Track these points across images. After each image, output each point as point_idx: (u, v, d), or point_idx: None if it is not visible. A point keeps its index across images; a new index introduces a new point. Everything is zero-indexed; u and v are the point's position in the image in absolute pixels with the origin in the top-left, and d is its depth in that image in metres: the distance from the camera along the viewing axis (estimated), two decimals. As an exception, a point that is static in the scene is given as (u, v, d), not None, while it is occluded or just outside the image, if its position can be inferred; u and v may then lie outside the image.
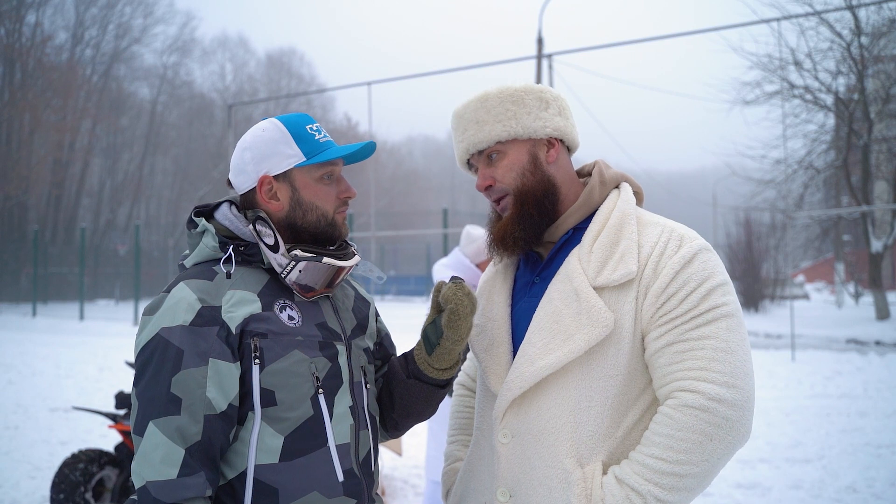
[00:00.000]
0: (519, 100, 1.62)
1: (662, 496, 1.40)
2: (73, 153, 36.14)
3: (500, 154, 1.62)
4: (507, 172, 1.62)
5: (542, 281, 1.63)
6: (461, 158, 1.69)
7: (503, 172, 1.62)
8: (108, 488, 4.53)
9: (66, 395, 8.91)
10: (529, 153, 1.62)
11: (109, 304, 29.74)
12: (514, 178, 1.61)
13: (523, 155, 1.62)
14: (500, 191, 1.63)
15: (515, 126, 1.60)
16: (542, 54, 18.03)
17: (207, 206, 1.60)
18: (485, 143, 1.62)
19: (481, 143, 1.62)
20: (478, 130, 1.62)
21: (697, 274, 1.48)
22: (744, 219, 25.15)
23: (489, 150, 1.63)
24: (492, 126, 1.61)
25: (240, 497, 1.43)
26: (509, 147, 1.62)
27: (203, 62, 47.64)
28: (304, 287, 1.52)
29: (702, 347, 1.44)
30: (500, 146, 1.62)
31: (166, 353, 1.40)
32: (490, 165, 1.64)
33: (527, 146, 1.62)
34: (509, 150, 1.62)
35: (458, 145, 1.68)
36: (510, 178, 1.62)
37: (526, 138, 1.61)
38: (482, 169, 1.65)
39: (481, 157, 1.65)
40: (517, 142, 1.62)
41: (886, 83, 18.48)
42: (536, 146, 1.63)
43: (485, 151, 1.63)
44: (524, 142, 1.62)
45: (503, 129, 1.60)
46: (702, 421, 1.39)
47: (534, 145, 1.63)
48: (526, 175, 1.61)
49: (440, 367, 1.60)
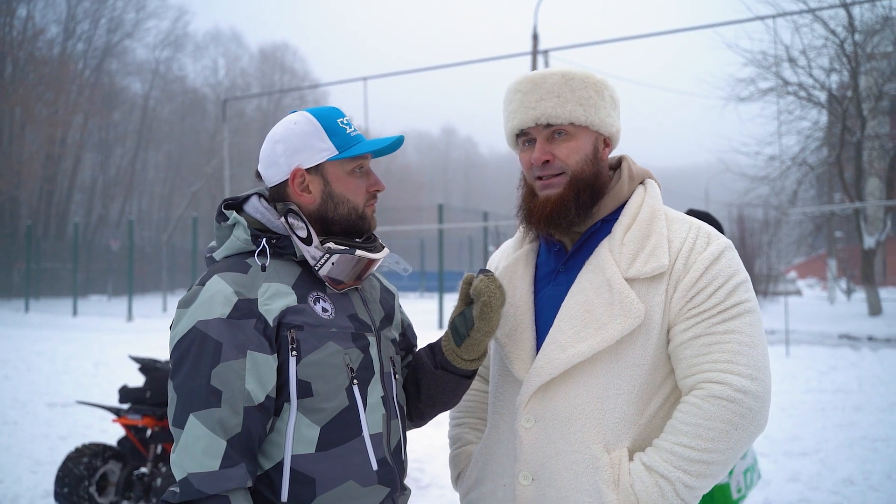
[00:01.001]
0: (600, 91, 1.64)
1: (690, 482, 1.45)
2: (65, 148, 35.95)
3: (568, 135, 1.63)
4: (571, 154, 1.63)
5: (567, 270, 1.65)
6: (523, 124, 1.65)
7: (567, 153, 1.63)
8: (112, 482, 4.55)
9: (63, 390, 8.89)
10: (593, 144, 1.65)
11: (102, 299, 29.66)
12: (576, 162, 1.63)
13: (589, 143, 1.64)
14: (558, 168, 1.63)
15: (594, 115, 1.63)
16: (537, 50, 18.05)
17: (237, 199, 1.61)
18: (560, 119, 1.61)
19: (557, 117, 1.61)
20: (558, 104, 1.61)
21: (725, 271, 1.54)
22: (737, 215, 25.25)
23: (559, 127, 1.63)
24: (573, 106, 1.61)
25: (277, 487, 1.45)
26: (579, 131, 1.63)
27: (196, 57, 47.49)
28: (335, 279, 1.54)
29: (728, 341, 1.49)
30: (571, 127, 1.63)
31: (204, 345, 1.41)
32: (552, 142, 1.64)
33: (593, 136, 1.65)
34: (578, 135, 1.63)
35: (526, 111, 1.63)
36: (573, 160, 1.63)
37: (595, 129, 1.64)
38: (542, 143, 1.64)
39: (545, 131, 1.64)
40: (587, 129, 1.64)
41: (879, 80, 18.58)
42: (598, 140, 1.66)
43: (553, 127, 1.63)
44: (593, 132, 1.65)
45: (583, 113, 1.62)
46: (729, 411, 1.45)
47: (597, 138, 1.66)
48: (587, 162, 1.64)
49: (469, 357, 1.62)
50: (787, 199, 19.99)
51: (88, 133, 38.19)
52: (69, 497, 4.35)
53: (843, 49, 18.26)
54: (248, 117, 42.93)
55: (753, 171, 20.19)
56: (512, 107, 1.68)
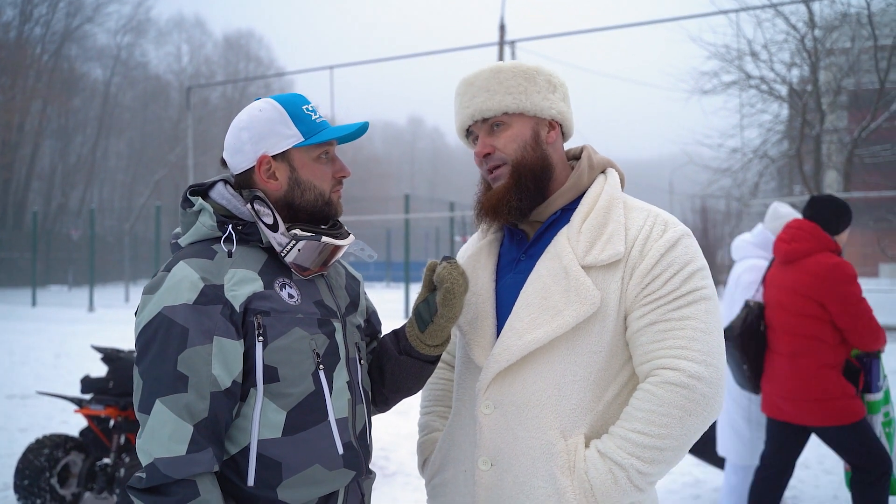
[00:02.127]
0: (531, 77, 1.67)
1: (643, 468, 1.47)
2: (23, 135, 35.10)
3: (505, 125, 1.67)
4: (508, 143, 1.66)
5: (528, 258, 1.68)
6: (463, 124, 1.72)
7: (505, 142, 1.67)
8: (74, 474, 4.49)
9: (23, 381, 8.74)
10: (532, 129, 1.67)
11: (63, 289, 29.09)
12: (514, 150, 1.66)
13: (526, 129, 1.67)
14: (499, 159, 1.67)
15: (525, 101, 1.65)
16: (504, 41, 18.08)
17: (202, 185, 1.61)
18: (492, 112, 1.65)
19: (489, 111, 1.65)
20: (487, 98, 1.65)
21: (680, 258, 1.56)
22: (700, 206, 25.63)
23: (495, 119, 1.67)
24: (502, 97, 1.65)
25: (244, 471, 1.46)
26: (515, 120, 1.67)
27: (158, 43, 46.61)
28: (300, 266, 1.55)
29: (682, 328, 1.51)
30: (506, 117, 1.66)
31: (171, 331, 1.41)
32: (492, 134, 1.68)
33: (531, 122, 1.67)
34: (514, 123, 1.67)
35: (463, 111, 1.70)
36: (511, 148, 1.66)
37: (531, 115, 1.67)
38: (483, 137, 1.69)
39: (484, 126, 1.68)
40: (523, 116, 1.67)
41: (838, 76, 18.95)
42: (539, 124, 1.68)
43: (490, 120, 1.67)
44: (529, 118, 1.67)
45: (513, 101, 1.65)
46: (682, 397, 1.47)
47: (537, 123, 1.68)
48: (527, 149, 1.66)
49: (432, 343, 1.65)
50: (749, 191, 20.33)
51: (47, 120, 37.33)
52: (30, 489, 4.29)
53: (804, 44, 18.60)
54: (212, 105, 42.33)
55: (716, 164, 20.50)
56: (455, 110, 1.74)
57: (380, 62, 18.60)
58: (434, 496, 1.75)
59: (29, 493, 4.29)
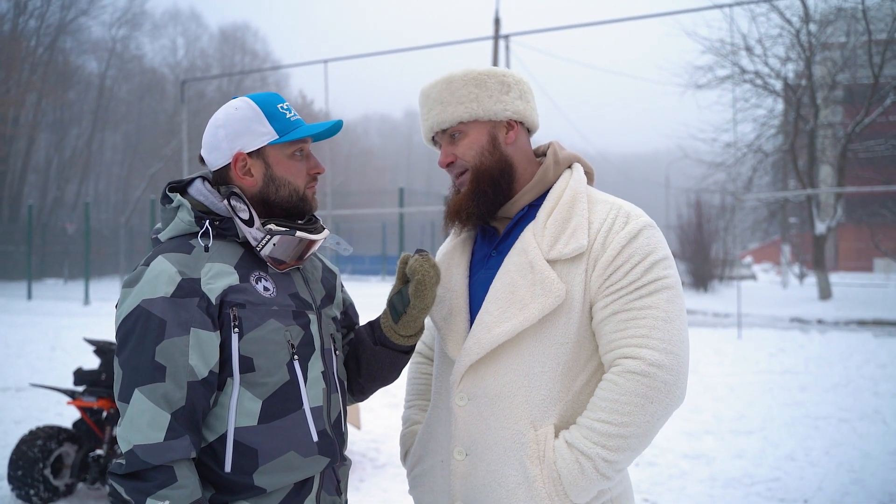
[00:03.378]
0: (482, 83, 1.71)
1: (609, 457, 1.52)
2: (18, 128, 35.01)
3: (462, 133, 1.73)
4: (467, 150, 1.72)
5: (498, 254, 1.73)
6: (426, 136, 1.79)
7: (463, 150, 1.73)
8: (67, 465, 4.54)
9: (18, 374, 8.78)
10: (489, 134, 1.72)
11: (58, 283, 29.10)
12: (473, 157, 1.72)
13: (483, 135, 1.72)
14: (460, 167, 1.74)
15: (477, 108, 1.70)
16: (499, 35, 18.09)
17: (181, 182, 1.66)
18: (447, 123, 1.72)
19: (444, 122, 1.72)
20: (441, 111, 1.72)
21: (642, 249, 1.60)
22: (695, 200, 25.69)
23: (452, 129, 1.73)
24: (454, 107, 1.70)
25: (221, 458, 1.52)
26: (470, 127, 1.72)
27: (154, 36, 46.42)
28: (276, 259, 1.60)
29: (644, 317, 1.56)
30: (462, 126, 1.72)
31: (149, 323, 1.46)
32: (452, 143, 1.74)
33: (487, 127, 1.72)
34: (470, 131, 1.72)
35: (423, 123, 1.78)
36: (469, 155, 1.72)
37: (486, 120, 1.72)
38: (445, 146, 1.76)
39: (444, 136, 1.75)
40: (478, 123, 1.72)
41: (833, 70, 19.02)
42: (496, 127, 1.73)
43: (448, 130, 1.74)
44: (484, 123, 1.72)
45: (465, 111, 1.70)
46: (643, 385, 1.52)
47: (494, 126, 1.73)
48: (485, 154, 1.72)
49: (405, 333, 1.70)
50: (743, 186, 20.40)
51: (42, 113, 37.24)
52: (23, 479, 4.34)
53: (799, 39, 18.65)
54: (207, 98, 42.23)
55: (710, 158, 20.59)
56: (420, 120, 1.81)
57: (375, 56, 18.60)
58: (414, 486, 1.80)
59: (23, 484, 4.35)
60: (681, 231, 26.40)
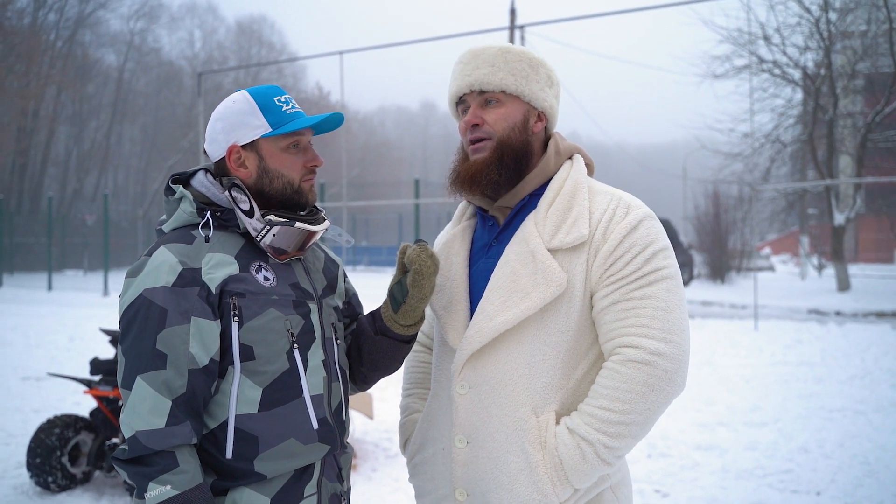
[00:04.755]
0: (535, 67, 1.74)
1: (610, 443, 1.54)
2: (38, 121, 35.37)
3: (499, 103, 1.73)
4: (499, 120, 1.72)
5: (499, 243, 1.75)
6: (459, 91, 1.76)
7: (495, 119, 1.72)
8: (84, 453, 4.61)
9: (37, 364, 8.90)
10: (524, 114, 1.74)
11: (78, 274, 29.43)
12: (503, 128, 1.72)
13: (518, 112, 1.73)
14: (485, 133, 1.73)
15: (524, 86, 1.72)
16: (514, 25, 18.01)
17: (184, 174, 1.69)
18: (491, 87, 1.71)
19: (489, 84, 1.71)
20: (491, 72, 1.71)
21: (642, 239, 1.62)
22: (712, 191, 25.50)
23: (491, 94, 1.72)
24: (505, 75, 1.71)
25: (222, 445, 1.54)
26: (510, 100, 1.73)
27: (171, 29, 46.76)
28: (277, 250, 1.63)
29: (644, 306, 1.57)
30: (502, 95, 1.72)
31: (150, 312, 1.49)
32: (484, 108, 1.73)
33: (524, 107, 1.74)
34: (508, 103, 1.73)
35: (462, 78, 1.74)
36: (500, 126, 1.72)
37: (526, 100, 1.73)
38: (475, 108, 1.74)
39: (479, 98, 1.74)
40: (519, 100, 1.73)
41: (853, 59, 18.78)
42: (530, 112, 1.75)
43: (486, 94, 1.73)
44: (523, 103, 1.73)
45: (514, 82, 1.71)
46: (644, 373, 1.53)
47: (528, 110, 1.74)
48: (514, 130, 1.72)
49: (405, 323, 1.72)
50: (761, 176, 20.22)
51: (62, 105, 37.59)
52: (41, 467, 4.42)
53: (818, 27, 18.42)
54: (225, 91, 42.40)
55: (728, 148, 20.41)
56: (453, 76, 1.79)
57: (391, 47, 18.57)
58: (415, 474, 1.82)
59: (41, 471, 4.42)
60: (698, 222, 26.23)
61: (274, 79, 44.41)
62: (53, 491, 4.46)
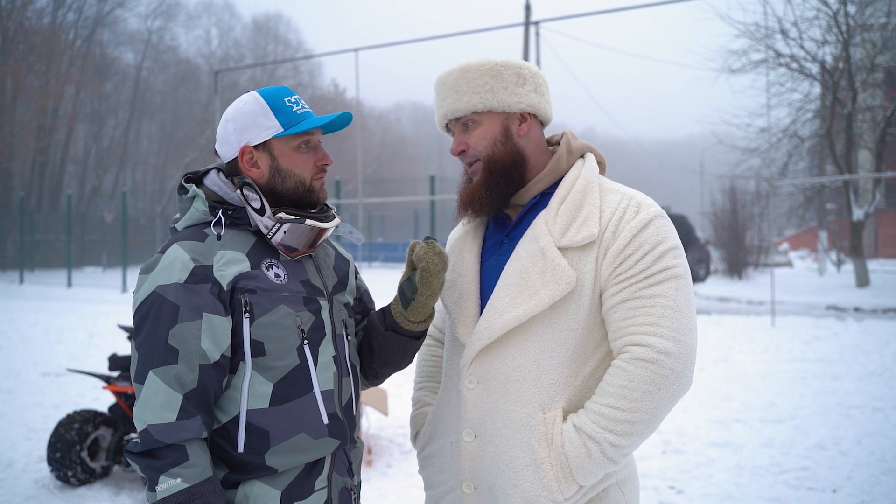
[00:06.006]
0: (497, 74, 1.73)
1: (616, 441, 1.55)
2: (57, 119, 35.77)
3: (475, 123, 1.75)
4: (479, 141, 1.74)
5: (510, 241, 1.76)
6: (440, 123, 1.82)
7: (476, 140, 1.75)
8: (103, 447, 4.68)
9: (57, 359, 9.02)
10: (502, 125, 1.74)
11: (97, 271, 29.74)
12: (485, 147, 1.74)
13: (496, 126, 1.74)
14: (472, 156, 1.76)
15: (491, 99, 1.72)
16: (529, 21, 17.97)
17: (197, 173, 1.72)
18: (461, 112, 1.74)
19: (458, 111, 1.74)
20: (456, 99, 1.74)
21: (652, 238, 1.62)
22: (729, 187, 25.30)
23: (465, 118, 1.75)
24: (469, 97, 1.72)
25: (234, 439, 1.57)
26: (484, 117, 1.74)
27: (188, 27, 47.17)
28: (288, 247, 1.65)
29: (653, 305, 1.58)
30: (475, 116, 1.74)
31: (163, 308, 1.52)
32: (465, 132, 1.76)
33: (500, 118, 1.74)
34: (484, 121, 1.74)
35: (437, 111, 1.80)
36: (482, 146, 1.74)
37: (500, 111, 1.73)
38: (457, 135, 1.78)
39: (458, 124, 1.77)
40: (492, 113, 1.74)
41: (872, 52, 18.54)
42: (509, 119, 1.75)
43: (461, 119, 1.76)
44: (498, 114, 1.74)
45: (479, 101, 1.72)
46: (651, 372, 1.54)
47: (507, 118, 1.75)
48: (497, 145, 1.74)
49: (415, 319, 1.74)
50: (778, 171, 20.04)
51: (80, 104, 38.00)
52: (61, 461, 4.49)
53: (836, 20, 18.21)
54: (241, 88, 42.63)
55: (745, 143, 20.23)
56: (435, 105, 1.82)
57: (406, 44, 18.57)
58: (424, 466, 1.85)
59: (61, 466, 4.49)
60: (715, 218, 26.05)
61: (290, 76, 44.59)
62: (73, 485, 4.53)
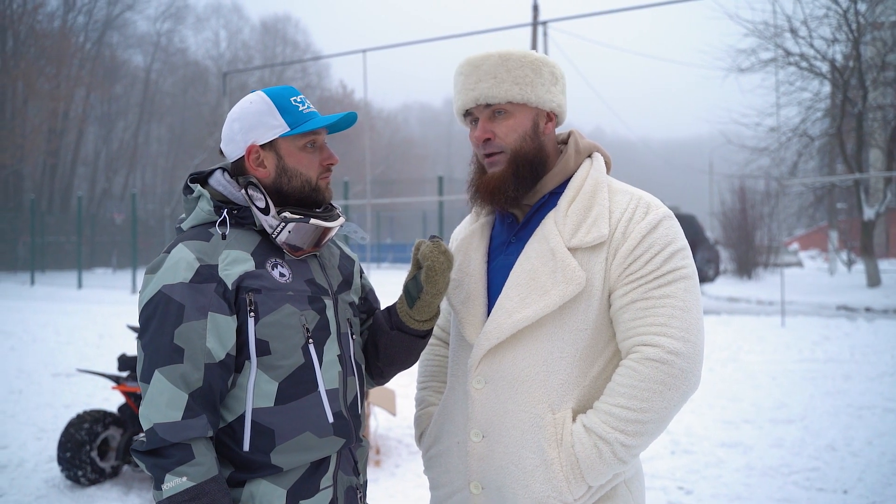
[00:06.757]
0: (537, 69, 1.72)
1: (627, 441, 1.55)
2: (68, 122, 35.98)
3: (507, 114, 1.71)
4: (509, 132, 1.71)
5: (518, 241, 1.75)
6: (465, 105, 1.75)
7: (506, 131, 1.71)
8: (113, 447, 4.70)
9: (67, 360, 9.07)
10: (533, 120, 1.73)
11: (107, 272, 29.88)
12: (514, 140, 1.71)
13: (527, 120, 1.72)
14: (497, 147, 1.72)
15: (530, 92, 1.70)
16: (537, 21, 17.95)
17: (202, 173, 1.72)
18: (497, 99, 1.69)
19: (494, 98, 1.69)
20: (494, 85, 1.69)
21: (661, 239, 1.62)
22: (738, 186, 25.21)
23: (498, 106, 1.71)
24: (509, 86, 1.69)
25: (239, 438, 1.58)
26: (518, 109, 1.71)
27: (197, 29, 47.41)
28: (293, 246, 1.65)
29: (662, 305, 1.58)
30: (509, 106, 1.71)
31: (168, 307, 1.53)
32: (493, 120, 1.72)
33: (532, 113, 1.73)
34: (517, 113, 1.71)
35: (466, 92, 1.73)
36: (512, 138, 1.71)
37: (534, 106, 1.72)
38: (484, 122, 1.73)
39: (485, 110, 1.72)
40: (526, 107, 1.72)
41: (882, 50, 18.42)
42: (539, 116, 1.74)
43: (493, 106, 1.72)
44: (531, 109, 1.72)
45: (519, 92, 1.69)
46: (661, 372, 1.54)
47: (537, 114, 1.73)
48: (526, 139, 1.72)
49: (420, 318, 1.74)
50: (788, 171, 19.94)
51: (90, 107, 38.19)
52: (71, 461, 4.51)
53: (846, 19, 18.11)
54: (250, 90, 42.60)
55: (754, 143, 20.14)
56: (456, 88, 1.78)
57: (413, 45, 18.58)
58: (430, 467, 1.84)
59: (71, 465, 4.52)
60: (724, 217, 25.96)
61: (298, 77, 44.68)
62: (83, 485, 4.56)
